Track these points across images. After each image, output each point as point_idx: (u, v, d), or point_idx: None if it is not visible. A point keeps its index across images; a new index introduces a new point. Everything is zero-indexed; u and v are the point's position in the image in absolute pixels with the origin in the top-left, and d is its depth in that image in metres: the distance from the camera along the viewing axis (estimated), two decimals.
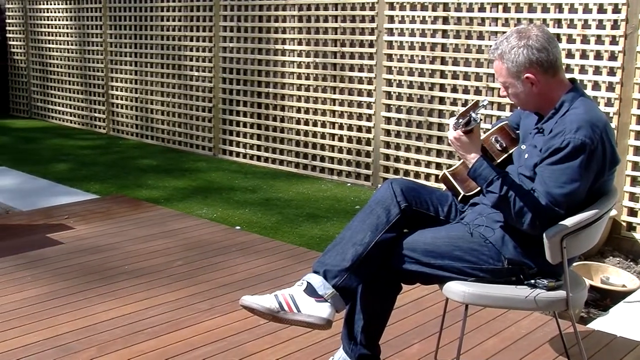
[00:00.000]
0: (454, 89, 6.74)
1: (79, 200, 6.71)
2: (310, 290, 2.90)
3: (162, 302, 4.27)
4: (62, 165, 8.39)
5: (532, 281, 2.88)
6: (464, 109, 2.89)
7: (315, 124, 7.92)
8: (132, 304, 4.24)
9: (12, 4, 12.40)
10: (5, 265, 4.90)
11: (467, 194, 3.13)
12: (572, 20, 6.00)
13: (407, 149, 7.15)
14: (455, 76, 6.74)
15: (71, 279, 4.64)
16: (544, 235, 2.76)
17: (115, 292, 4.41)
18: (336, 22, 7.60)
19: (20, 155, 8.98)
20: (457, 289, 2.88)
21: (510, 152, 3.11)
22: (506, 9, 6.34)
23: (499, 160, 3.10)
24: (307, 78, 7.93)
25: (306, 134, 8.02)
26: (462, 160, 3.05)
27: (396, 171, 7.26)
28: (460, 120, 2.88)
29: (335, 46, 7.63)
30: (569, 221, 2.78)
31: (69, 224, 5.82)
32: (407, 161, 7.17)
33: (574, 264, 4.08)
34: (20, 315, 4.10)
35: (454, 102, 6.73)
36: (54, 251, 5.18)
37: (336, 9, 7.56)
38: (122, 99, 10.36)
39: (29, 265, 4.90)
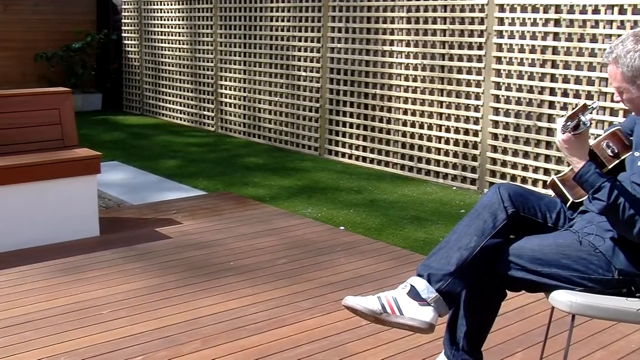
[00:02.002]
0: (565, 93, 6.59)
1: (187, 196, 6.87)
2: (414, 294, 2.88)
3: (266, 299, 4.32)
4: (171, 162, 8.59)
5: None
6: (571, 111, 2.82)
7: (421, 126, 7.87)
8: (236, 299, 4.31)
9: (127, 4, 12.78)
10: (116, 256, 5.06)
11: (576, 201, 3.05)
12: None
13: (515, 153, 7.03)
14: (566, 80, 6.58)
15: (178, 272, 4.75)
16: None
17: (220, 288, 4.49)
18: (445, 23, 7.53)
19: (132, 150, 9.24)
20: (564, 298, 2.81)
21: (623, 158, 3.01)
22: (622, 10, 6.16)
23: (610, 167, 3.01)
24: (415, 80, 7.89)
25: (412, 135, 7.98)
26: (571, 166, 2.98)
27: (503, 176, 7.15)
28: (569, 122, 2.80)
29: (444, 48, 7.57)
30: None
31: (177, 219, 5.96)
32: (514, 166, 7.06)
33: None
34: (128, 305, 4.23)
35: (564, 107, 6.58)
36: (162, 245, 5.32)
37: (445, 11, 7.50)
38: (230, 98, 10.54)
39: (138, 257, 5.04)
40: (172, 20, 11.66)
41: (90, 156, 5.52)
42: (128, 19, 12.85)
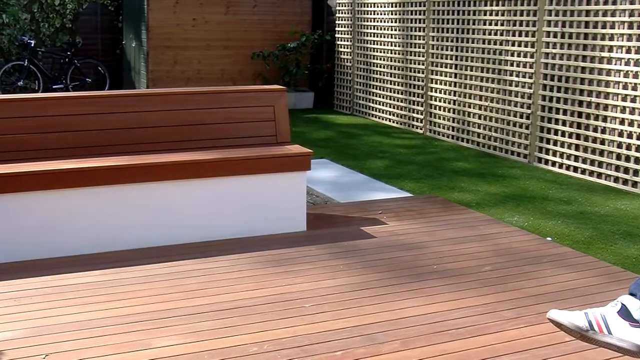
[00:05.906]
0: None
1: (393, 197, 6.93)
2: (625, 313, 2.77)
3: (468, 305, 4.29)
4: (379, 162, 8.69)
5: None
6: None
7: (639, 137, 7.51)
8: (439, 303, 4.31)
9: (342, 6, 13.05)
10: (321, 252, 5.19)
11: None
12: None
13: None
14: None
15: (381, 272, 4.81)
16: None
17: (422, 290, 4.50)
18: None
19: (341, 149, 9.43)
20: None
21: None
22: None
23: None
24: (634, 88, 7.54)
25: (629, 147, 7.63)
26: None
27: None
28: None
29: None
30: None
31: (382, 219, 6.02)
32: None
33: None
34: (331, 300, 4.33)
35: None
36: (367, 244, 5.40)
37: None
38: (440, 101, 10.52)
39: (342, 254, 5.15)
40: (384, 22, 11.79)
41: (301, 153, 5.68)
42: (342, 20, 13.11)
